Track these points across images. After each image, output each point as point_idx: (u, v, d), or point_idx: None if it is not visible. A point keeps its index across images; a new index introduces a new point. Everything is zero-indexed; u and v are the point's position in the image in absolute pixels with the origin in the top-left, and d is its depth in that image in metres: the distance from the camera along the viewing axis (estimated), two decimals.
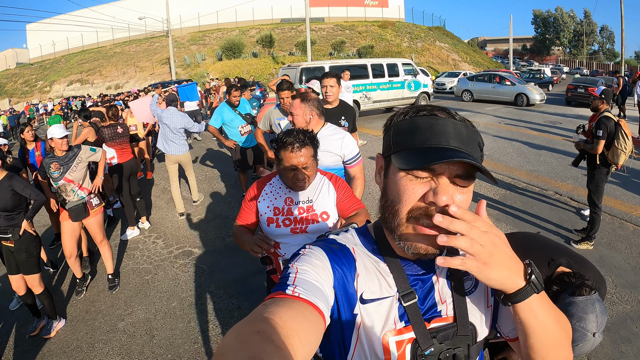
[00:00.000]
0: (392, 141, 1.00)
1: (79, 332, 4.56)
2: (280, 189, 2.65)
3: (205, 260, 5.92)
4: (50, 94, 46.25)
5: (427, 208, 0.93)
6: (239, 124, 7.24)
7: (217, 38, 49.31)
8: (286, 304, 0.86)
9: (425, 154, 0.91)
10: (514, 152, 11.35)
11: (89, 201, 5.20)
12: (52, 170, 5.03)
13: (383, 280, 1.06)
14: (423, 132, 0.94)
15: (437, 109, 0.99)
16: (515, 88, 22.38)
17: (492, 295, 1.14)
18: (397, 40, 50.99)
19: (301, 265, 1.01)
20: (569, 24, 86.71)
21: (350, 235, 1.18)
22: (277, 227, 2.60)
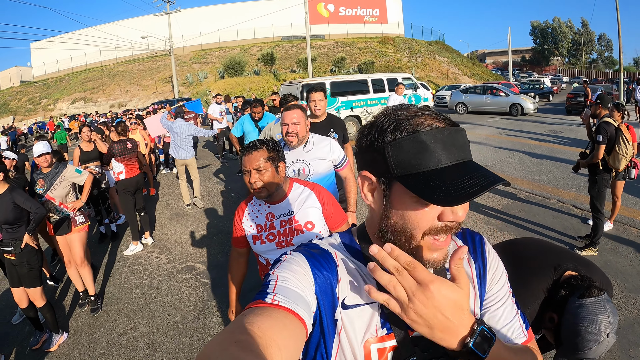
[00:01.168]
0: (393, 162, 0.92)
1: (81, 346, 4.55)
2: (261, 205, 2.68)
3: (208, 275, 5.91)
4: (54, 112, 46.54)
5: (445, 226, 0.92)
6: (254, 137, 7.33)
7: (219, 56, 49.70)
8: (265, 313, 0.86)
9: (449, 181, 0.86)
10: (516, 162, 11.36)
11: (73, 218, 5.23)
12: (38, 187, 5.12)
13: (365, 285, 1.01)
14: (433, 150, 0.88)
15: (426, 115, 0.94)
16: (510, 99, 22.98)
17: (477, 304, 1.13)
18: (397, 55, 51.28)
19: (281, 272, 0.99)
20: (567, 33, 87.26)
21: (333, 239, 1.17)
22: (262, 244, 2.64)
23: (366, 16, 56.47)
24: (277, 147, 2.57)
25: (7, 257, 4.47)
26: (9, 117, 46.75)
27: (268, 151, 2.49)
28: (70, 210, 5.21)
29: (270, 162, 2.48)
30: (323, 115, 4.91)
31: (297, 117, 3.45)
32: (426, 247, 0.93)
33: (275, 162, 2.51)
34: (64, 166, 5.31)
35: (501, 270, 1.20)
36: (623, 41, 23.18)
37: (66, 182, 5.24)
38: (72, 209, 5.23)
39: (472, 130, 17.44)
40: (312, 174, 3.57)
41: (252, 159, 2.46)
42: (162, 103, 27.26)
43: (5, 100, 50.51)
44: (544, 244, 2.40)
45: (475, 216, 7.32)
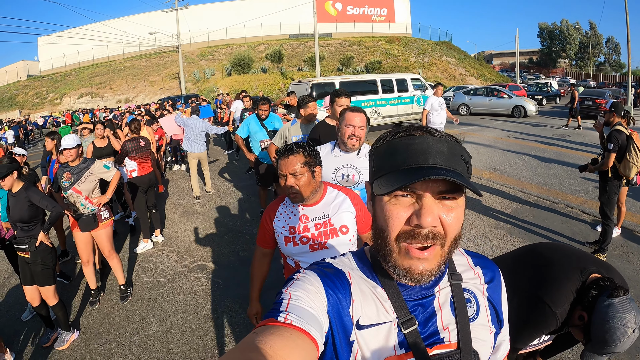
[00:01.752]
0: (373, 167, 1.00)
1: (93, 344, 4.55)
2: (294, 207, 2.64)
3: (220, 274, 5.92)
4: (60, 106, 46.76)
5: (414, 231, 0.92)
6: (261, 137, 7.32)
7: (226, 53, 49.70)
8: (278, 332, 0.85)
9: (402, 175, 0.90)
10: (524, 165, 11.34)
11: (99, 214, 5.26)
12: (64, 180, 5.13)
13: (380, 305, 1.03)
14: (400, 153, 0.93)
15: (414, 128, 0.98)
16: (512, 101, 23.41)
17: (493, 323, 1.15)
18: (404, 55, 51.16)
19: (294, 290, 0.99)
20: (575, 36, 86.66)
21: (346, 259, 1.16)
22: (295, 246, 2.60)
23: (374, 15, 56.34)
24: (314, 152, 2.56)
25: (21, 255, 4.49)
26: (15, 111, 46.93)
27: (305, 156, 2.48)
28: (95, 206, 5.24)
29: (306, 167, 2.47)
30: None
31: (362, 120, 3.40)
32: (402, 253, 0.94)
33: (311, 166, 2.50)
34: (92, 161, 5.33)
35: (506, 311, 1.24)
36: (631, 45, 23.03)
37: (94, 176, 5.25)
38: (97, 204, 5.25)
39: (480, 132, 17.42)
40: (360, 181, 3.52)
41: (289, 164, 2.45)
42: (168, 99, 27.34)
43: (12, 94, 50.67)
44: (567, 248, 2.54)
45: (485, 220, 7.32)
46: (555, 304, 2.18)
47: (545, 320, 2.22)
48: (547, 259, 2.40)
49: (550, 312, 2.18)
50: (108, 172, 5.38)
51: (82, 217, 5.18)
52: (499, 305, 1.18)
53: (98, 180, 5.34)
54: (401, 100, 17.81)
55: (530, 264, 2.45)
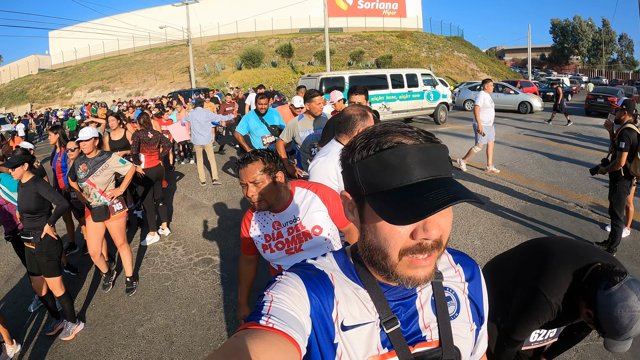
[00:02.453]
0: (360, 182, 0.94)
1: (97, 336, 4.58)
2: (266, 215, 2.64)
3: (226, 268, 5.93)
4: (71, 100, 47.03)
5: (420, 244, 0.90)
6: (262, 133, 7.25)
7: (236, 47, 49.74)
8: (259, 336, 0.84)
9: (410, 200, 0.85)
10: (534, 163, 11.26)
11: (111, 206, 5.31)
12: (80, 171, 5.19)
13: (363, 306, 1.03)
14: (395, 169, 0.88)
15: (398, 133, 0.93)
16: (519, 97, 23.64)
17: (474, 320, 1.17)
18: (415, 50, 50.96)
19: (276, 293, 0.98)
20: (588, 32, 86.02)
21: (328, 260, 1.15)
22: (272, 253, 2.62)
23: (385, 10, 56.12)
24: (273, 157, 2.51)
25: (27, 246, 4.54)
26: (26, 104, 47.35)
27: (264, 162, 2.44)
28: (108, 199, 5.28)
29: (266, 174, 2.43)
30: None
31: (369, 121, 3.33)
32: (405, 265, 0.93)
33: (272, 172, 2.46)
34: (109, 155, 5.38)
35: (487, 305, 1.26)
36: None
37: (109, 170, 5.29)
38: (109, 197, 5.29)
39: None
40: None
41: (248, 172, 2.43)
42: (178, 93, 27.42)
43: (23, 88, 51.09)
44: (571, 241, 2.54)
45: (494, 218, 7.27)
46: (549, 292, 2.18)
47: (539, 308, 2.21)
48: (549, 250, 2.39)
49: (545, 301, 2.18)
50: (124, 167, 5.43)
51: (95, 207, 5.23)
52: (479, 302, 1.20)
53: (113, 174, 5.38)
54: (411, 96, 17.72)
55: (534, 256, 2.44)
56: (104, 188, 5.27)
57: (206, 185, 10.36)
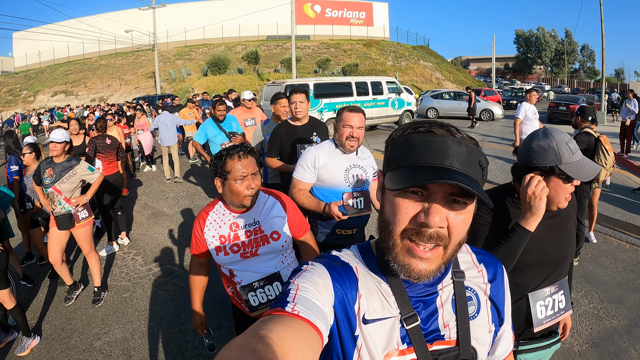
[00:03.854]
0: (388, 158, 1.00)
1: (54, 351, 4.41)
2: (224, 215, 2.58)
3: (185, 279, 5.78)
4: (34, 104, 45.89)
5: (419, 229, 0.92)
6: (221, 140, 7.10)
7: (203, 53, 49.39)
8: (284, 322, 0.85)
9: (416, 173, 0.90)
10: (497, 169, 11.49)
11: (76, 214, 5.14)
12: (46, 176, 5.03)
13: (385, 301, 1.05)
14: (418, 150, 0.93)
15: (436, 125, 0.98)
16: (480, 105, 24.26)
17: (493, 322, 1.17)
18: (381, 58, 51.41)
19: (302, 282, 0.99)
20: (551, 43, 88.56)
21: (352, 252, 1.16)
22: (226, 255, 2.54)
23: (352, 18, 56.54)
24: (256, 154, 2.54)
25: None
26: None
27: (255, 158, 2.47)
28: (73, 206, 5.12)
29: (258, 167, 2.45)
30: (305, 118, 4.87)
31: (361, 121, 3.32)
32: (405, 249, 0.95)
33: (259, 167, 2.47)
34: (78, 161, 5.22)
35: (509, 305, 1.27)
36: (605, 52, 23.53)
37: (77, 177, 5.14)
38: (74, 204, 5.13)
39: None
40: (368, 180, 3.46)
41: (250, 164, 2.41)
42: (143, 99, 27.11)
43: None
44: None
45: None
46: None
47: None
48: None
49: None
50: (92, 175, 5.28)
51: (59, 215, 5.07)
52: (501, 303, 1.21)
53: (80, 181, 5.23)
54: (376, 103, 17.89)
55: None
56: (69, 195, 5.11)
57: (167, 194, 10.20)
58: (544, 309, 2.14)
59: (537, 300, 2.11)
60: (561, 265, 2.15)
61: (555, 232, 2.09)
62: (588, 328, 4.44)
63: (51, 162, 5.09)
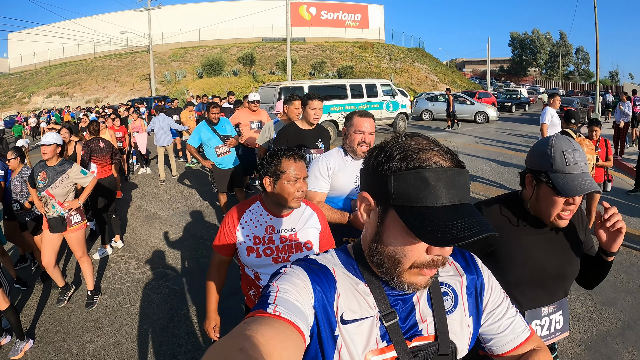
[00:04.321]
0: (393, 191, 0.95)
1: (47, 354, 4.38)
2: (261, 216, 2.53)
3: (179, 282, 5.80)
4: (28, 105, 45.84)
5: (433, 260, 0.96)
6: (215, 144, 7.11)
7: (198, 55, 49.40)
8: (267, 323, 0.86)
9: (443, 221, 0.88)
10: (492, 171, 11.50)
11: (68, 218, 5.11)
12: (39, 179, 5.01)
13: (363, 300, 1.06)
14: (433, 189, 0.91)
15: (435, 152, 0.96)
16: (475, 107, 24.63)
17: (470, 315, 1.18)
18: (376, 61, 51.54)
19: (282, 284, 1.00)
20: (545, 45, 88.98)
21: (330, 255, 1.17)
22: (258, 257, 2.49)
23: (347, 21, 56.70)
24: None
25: None
26: None
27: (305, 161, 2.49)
28: (66, 210, 5.09)
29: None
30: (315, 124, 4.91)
31: (372, 126, 3.28)
32: (413, 274, 0.98)
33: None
34: (70, 164, 5.17)
35: (493, 278, 1.28)
36: (600, 55, 23.65)
37: (69, 181, 5.11)
38: (67, 209, 5.10)
39: (449, 138, 17.61)
40: None
41: (303, 168, 2.43)
42: (138, 101, 27.09)
43: None
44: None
45: None
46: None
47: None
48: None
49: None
50: (85, 178, 5.24)
51: (51, 218, 5.05)
52: (478, 289, 1.22)
53: (73, 185, 5.20)
54: (370, 106, 17.85)
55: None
56: (62, 199, 5.09)
57: (161, 196, 10.18)
58: (539, 328, 2.06)
59: (533, 318, 2.03)
60: (560, 283, 2.06)
61: (553, 248, 2.00)
62: (581, 330, 4.44)
63: (45, 166, 5.07)
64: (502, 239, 2.00)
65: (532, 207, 1.96)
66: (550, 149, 1.81)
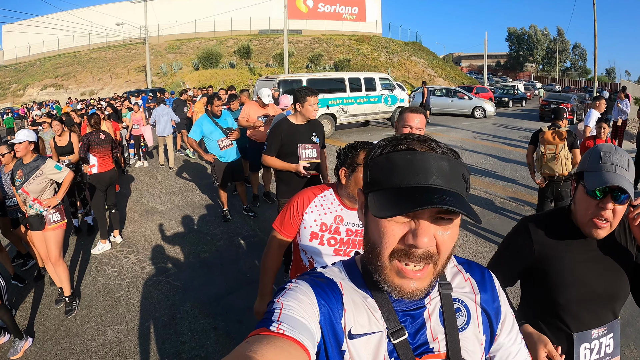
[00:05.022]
0: (369, 179, 0.97)
1: (47, 353, 4.33)
2: (332, 204, 2.50)
3: (180, 278, 5.75)
4: (23, 97, 45.59)
5: (408, 250, 0.90)
6: (218, 137, 7.07)
7: (194, 47, 49.16)
8: (270, 342, 0.83)
9: (402, 197, 0.87)
10: (490, 167, 11.51)
11: (47, 216, 4.99)
12: (17, 178, 4.93)
13: (372, 315, 1.02)
14: (400, 169, 0.90)
15: (415, 140, 0.94)
16: (473, 102, 24.74)
17: (484, 332, 1.14)
18: (373, 54, 51.42)
19: (286, 300, 0.97)
20: (543, 41, 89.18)
21: (337, 268, 1.14)
22: (321, 245, 2.47)
23: (345, 14, 56.49)
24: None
25: None
26: None
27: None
28: (44, 207, 4.98)
29: None
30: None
31: (422, 122, 3.25)
32: (394, 271, 0.93)
33: None
34: (43, 160, 5.06)
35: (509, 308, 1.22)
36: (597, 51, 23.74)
37: (43, 177, 4.98)
38: (45, 206, 4.99)
39: (447, 133, 17.62)
40: None
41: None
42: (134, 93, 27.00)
43: None
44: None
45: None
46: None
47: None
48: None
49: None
50: (59, 173, 5.09)
51: (30, 216, 4.97)
52: (493, 313, 1.17)
53: (49, 181, 5.08)
54: (369, 99, 17.86)
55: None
56: (38, 196, 4.98)
57: (159, 190, 10.11)
58: (588, 352, 1.94)
59: (582, 342, 1.92)
60: (610, 304, 1.93)
61: (600, 267, 1.88)
62: None
63: (21, 164, 4.99)
64: (550, 257, 1.94)
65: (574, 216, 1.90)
66: (593, 150, 1.78)
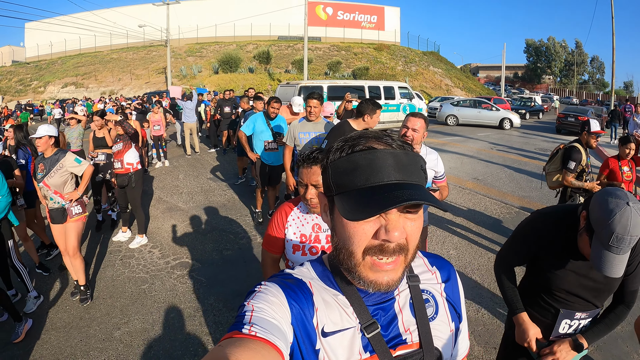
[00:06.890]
0: (332, 182, 0.97)
1: (72, 339, 4.45)
2: (308, 214, 2.53)
3: (204, 273, 5.88)
4: (44, 94, 46.18)
5: (381, 245, 0.92)
6: (266, 137, 7.20)
7: (214, 51, 49.52)
8: (243, 344, 0.84)
9: (369, 198, 0.89)
10: (506, 177, 11.48)
11: (69, 209, 5.09)
12: (38, 171, 5.04)
13: (343, 312, 1.04)
14: (364, 169, 0.91)
15: (372, 138, 0.97)
16: (500, 113, 24.49)
17: (453, 320, 1.19)
18: (392, 63, 51.41)
19: (257, 303, 0.98)
20: (561, 53, 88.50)
21: (305, 268, 1.16)
22: (304, 255, 2.48)
23: (363, 22, 56.62)
24: None
25: None
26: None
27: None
28: (66, 201, 5.08)
29: None
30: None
31: (419, 125, 3.55)
32: (368, 266, 0.94)
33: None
34: (64, 154, 5.14)
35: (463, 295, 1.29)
36: (615, 65, 23.62)
37: (63, 170, 5.07)
38: (67, 199, 5.09)
39: (464, 143, 17.57)
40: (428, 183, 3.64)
41: (312, 173, 2.35)
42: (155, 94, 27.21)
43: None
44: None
45: (469, 228, 7.42)
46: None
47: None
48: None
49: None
50: (79, 167, 5.16)
51: (52, 209, 5.08)
52: (457, 302, 1.23)
53: (69, 174, 5.17)
54: (387, 108, 17.92)
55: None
56: (60, 189, 5.07)
57: (181, 189, 10.26)
58: (567, 326, 2.24)
59: (565, 317, 2.21)
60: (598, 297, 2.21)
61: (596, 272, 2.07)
62: None
63: (42, 158, 5.10)
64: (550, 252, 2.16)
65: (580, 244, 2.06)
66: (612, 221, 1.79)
